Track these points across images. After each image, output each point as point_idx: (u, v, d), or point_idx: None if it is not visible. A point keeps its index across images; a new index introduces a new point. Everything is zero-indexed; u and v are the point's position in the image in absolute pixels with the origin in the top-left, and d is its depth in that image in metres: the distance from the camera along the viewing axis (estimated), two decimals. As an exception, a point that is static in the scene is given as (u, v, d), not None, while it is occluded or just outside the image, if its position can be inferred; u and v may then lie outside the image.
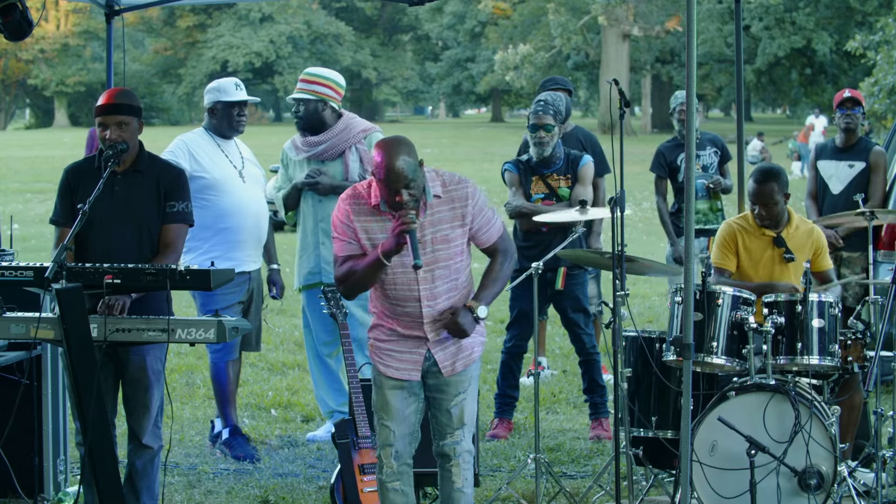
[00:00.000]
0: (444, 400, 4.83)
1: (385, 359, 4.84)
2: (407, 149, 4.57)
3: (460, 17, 56.49)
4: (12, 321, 5.01)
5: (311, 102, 7.09)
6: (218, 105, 7.00)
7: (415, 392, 4.85)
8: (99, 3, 7.16)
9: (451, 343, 4.82)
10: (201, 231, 6.50)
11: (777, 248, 6.04)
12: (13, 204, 22.41)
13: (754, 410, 5.40)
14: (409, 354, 4.81)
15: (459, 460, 4.82)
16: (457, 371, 4.83)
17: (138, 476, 5.34)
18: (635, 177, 26.50)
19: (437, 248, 4.71)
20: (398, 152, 4.54)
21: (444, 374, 4.82)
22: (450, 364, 4.82)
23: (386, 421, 4.83)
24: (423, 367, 4.82)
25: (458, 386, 4.83)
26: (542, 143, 7.10)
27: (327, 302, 5.92)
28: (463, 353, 4.84)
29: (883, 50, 21.49)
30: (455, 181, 4.77)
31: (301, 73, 7.34)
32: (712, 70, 46.51)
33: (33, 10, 6.32)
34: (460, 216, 4.74)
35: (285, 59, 60.51)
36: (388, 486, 4.85)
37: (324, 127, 7.09)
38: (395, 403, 4.82)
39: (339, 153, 7.07)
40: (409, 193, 4.56)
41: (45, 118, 66.16)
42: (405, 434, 4.83)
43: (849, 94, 7.89)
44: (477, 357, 4.91)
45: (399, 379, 4.82)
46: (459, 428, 4.83)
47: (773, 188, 5.98)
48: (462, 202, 4.75)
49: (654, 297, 12.61)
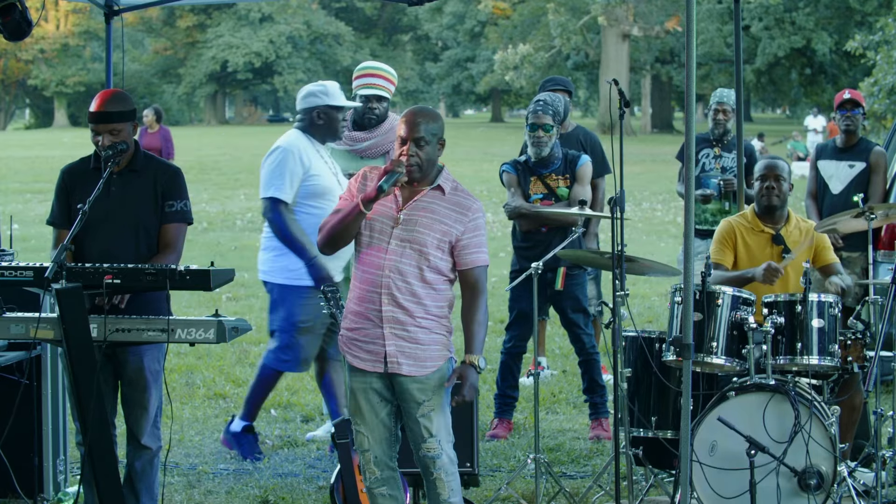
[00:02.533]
0: (410, 409, 4.74)
1: (352, 348, 4.78)
2: (433, 116, 4.79)
3: (460, 17, 56.52)
4: (12, 321, 5.01)
5: (385, 100, 7.06)
6: (325, 109, 6.76)
7: (385, 396, 4.77)
8: (98, 4, 7.15)
9: (407, 342, 4.70)
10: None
11: (775, 245, 6.05)
12: (13, 204, 22.41)
13: (754, 410, 5.40)
14: (371, 344, 4.72)
15: (441, 473, 4.75)
16: (402, 373, 4.70)
17: (137, 477, 5.33)
18: (635, 177, 26.61)
19: (417, 230, 4.68)
20: (423, 111, 4.79)
21: (390, 368, 4.69)
22: (396, 362, 4.69)
23: (360, 426, 4.80)
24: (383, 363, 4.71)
25: (419, 394, 4.71)
26: (541, 142, 7.10)
27: (327, 302, 5.91)
28: (417, 358, 4.70)
29: (883, 50, 21.51)
30: (467, 193, 4.83)
31: (363, 67, 7.26)
32: (712, 70, 46.52)
33: (33, 10, 6.33)
34: (454, 220, 4.72)
35: (285, 59, 60.55)
36: (375, 492, 4.83)
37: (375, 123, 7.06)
38: (366, 408, 4.77)
39: (382, 152, 7.05)
40: (416, 151, 4.68)
41: (44, 118, 66.19)
42: (381, 439, 4.79)
43: (849, 95, 7.90)
44: (435, 368, 4.73)
45: (363, 371, 4.75)
46: (430, 438, 4.72)
47: (784, 167, 6.11)
48: (462, 210, 4.75)
49: (654, 297, 12.61)
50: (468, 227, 4.73)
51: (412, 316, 4.68)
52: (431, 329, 4.73)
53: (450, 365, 4.80)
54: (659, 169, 29.11)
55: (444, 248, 4.72)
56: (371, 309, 4.72)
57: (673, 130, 51.03)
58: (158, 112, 17.97)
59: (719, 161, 8.32)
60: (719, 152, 8.32)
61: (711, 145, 8.35)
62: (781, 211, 6.13)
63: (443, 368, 4.77)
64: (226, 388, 8.71)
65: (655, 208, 22.74)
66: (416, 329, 4.70)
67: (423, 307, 4.70)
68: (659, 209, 22.50)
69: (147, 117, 17.23)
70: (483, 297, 4.76)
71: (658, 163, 30.37)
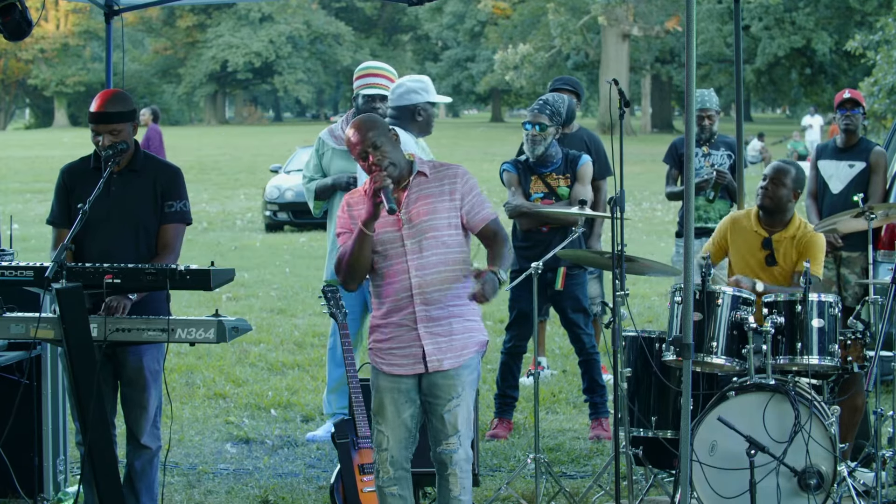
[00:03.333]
0: (438, 405, 4.78)
1: (386, 357, 4.82)
2: (372, 121, 4.81)
3: (460, 17, 56.51)
4: (12, 321, 5.01)
5: (387, 99, 7.07)
6: (425, 105, 6.76)
7: (411, 397, 4.81)
8: (98, 3, 7.15)
9: (443, 336, 4.75)
10: None
11: (763, 249, 6.05)
12: (13, 204, 22.43)
13: (754, 410, 5.40)
14: (407, 349, 4.77)
15: (456, 469, 4.77)
16: (443, 368, 4.76)
17: (137, 476, 5.33)
18: (635, 177, 26.60)
19: (423, 220, 4.74)
20: (363, 121, 4.81)
21: (430, 368, 4.74)
22: (436, 359, 4.75)
23: (381, 426, 4.82)
24: (423, 363, 4.76)
25: (449, 390, 4.76)
26: (534, 141, 7.11)
27: (327, 302, 5.91)
28: (453, 349, 4.77)
29: (883, 50, 21.51)
30: (444, 165, 4.91)
31: (365, 67, 7.25)
32: (712, 70, 46.52)
33: (33, 10, 6.32)
34: (448, 192, 4.78)
35: (285, 59, 60.56)
36: (385, 491, 4.84)
37: None
38: (390, 408, 4.80)
39: None
40: (380, 154, 4.72)
41: (44, 118, 66.20)
42: (400, 439, 4.80)
43: (849, 94, 7.90)
44: (469, 357, 4.81)
45: (398, 375, 4.79)
46: (454, 434, 4.77)
47: (791, 173, 6.05)
48: (451, 179, 4.82)
49: (654, 297, 12.61)
50: (464, 190, 4.81)
51: (444, 306, 4.74)
52: (466, 317, 4.80)
53: (479, 357, 4.89)
54: (659, 169, 28.95)
55: (454, 223, 4.79)
56: (404, 315, 4.77)
57: (673, 130, 51.01)
58: (155, 112, 18.01)
59: (708, 159, 8.35)
60: (707, 150, 8.36)
61: (699, 144, 8.36)
62: (781, 215, 6.10)
63: (471, 362, 4.84)
64: (226, 388, 8.71)
65: (655, 208, 22.74)
66: (449, 319, 4.76)
67: (452, 291, 4.76)
68: (659, 209, 22.50)
69: (143, 116, 17.26)
70: (505, 239, 4.82)
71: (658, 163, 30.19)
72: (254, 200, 24.70)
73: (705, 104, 8.31)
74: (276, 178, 21.06)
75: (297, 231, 20.30)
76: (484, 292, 4.61)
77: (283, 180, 20.65)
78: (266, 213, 20.79)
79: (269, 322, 11.36)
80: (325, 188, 7.16)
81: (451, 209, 4.78)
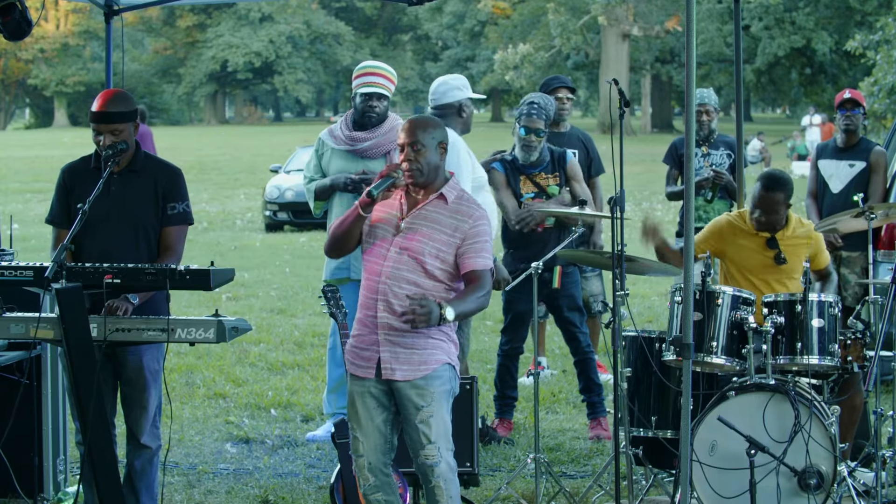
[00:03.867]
0: (408, 414, 4.73)
1: (351, 356, 4.83)
2: (431, 122, 4.85)
3: (460, 17, 56.52)
4: (12, 321, 5.01)
5: (385, 98, 7.07)
6: (468, 102, 6.77)
7: (383, 403, 4.77)
8: (98, 3, 7.15)
9: (403, 348, 4.69)
10: None
11: (770, 249, 6.02)
12: (13, 204, 22.43)
13: (754, 410, 5.40)
14: (367, 350, 4.75)
15: (440, 481, 4.72)
16: (395, 378, 4.70)
17: (137, 476, 5.33)
18: (635, 177, 26.60)
19: (416, 240, 4.71)
20: (420, 119, 4.88)
21: (383, 375, 4.70)
22: (390, 368, 4.69)
23: (356, 431, 4.81)
24: (375, 368, 4.72)
25: (418, 399, 4.70)
26: (531, 146, 7.10)
27: (327, 302, 5.90)
28: (411, 363, 4.69)
29: (883, 50, 21.51)
30: (472, 201, 4.84)
31: (363, 66, 7.25)
32: (712, 70, 46.52)
33: (33, 10, 6.32)
34: (454, 227, 4.73)
35: (285, 59, 60.57)
36: (370, 498, 4.83)
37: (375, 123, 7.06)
38: (362, 412, 4.77)
39: (383, 153, 7.03)
40: (416, 155, 4.73)
41: (44, 118, 66.19)
42: (375, 445, 4.78)
43: (849, 94, 7.90)
44: (433, 370, 4.71)
45: (360, 378, 4.77)
46: (430, 445, 4.69)
47: (780, 198, 5.92)
48: (464, 218, 4.75)
49: (654, 297, 12.61)
50: (468, 233, 4.73)
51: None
52: (430, 334, 4.71)
53: (452, 373, 4.79)
54: (659, 169, 28.94)
55: (444, 258, 4.72)
56: (369, 315, 4.75)
57: (673, 130, 50.99)
58: (142, 113, 18.00)
59: (707, 159, 8.36)
60: (707, 150, 8.36)
61: (698, 144, 8.36)
62: (777, 225, 6.05)
63: (442, 374, 4.75)
64: (226, 387, 8.71)
65: (655, 208, 22.73)
66: (413, 335, 4.68)
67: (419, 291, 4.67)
68: (659, 209, 22.48)
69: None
70: (481, 291, 4.68)
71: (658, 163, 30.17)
72: (254, 200, 24.70)
73: (703, 99, 8.32)
74: (275, 178, 21.06)
75: (297, 231, 20.30)
76: (414, 316, 4.48)
77: (282, 180, 20.65)
78: (266, 212, 20.79)
79: (269, 322, 11.36)
80: (324, 189, 7.17)
81: (448, 244, 4.72)
